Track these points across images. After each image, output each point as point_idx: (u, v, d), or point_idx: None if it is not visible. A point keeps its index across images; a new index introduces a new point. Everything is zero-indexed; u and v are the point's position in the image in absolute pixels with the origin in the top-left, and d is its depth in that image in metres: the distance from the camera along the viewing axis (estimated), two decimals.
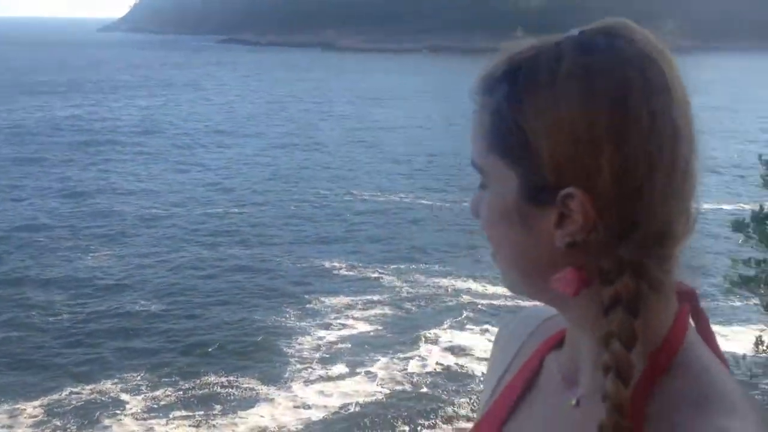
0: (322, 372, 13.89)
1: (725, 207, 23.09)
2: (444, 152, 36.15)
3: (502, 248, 0.94)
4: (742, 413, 0.82)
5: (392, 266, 19.59)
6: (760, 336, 8.75)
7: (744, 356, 8.64)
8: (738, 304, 15.19)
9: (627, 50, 0.85)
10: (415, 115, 49.16)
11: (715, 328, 0.97)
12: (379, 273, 19.11)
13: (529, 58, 0.89)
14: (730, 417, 0.81)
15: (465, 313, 16.57)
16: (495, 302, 17.16)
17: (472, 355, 14.59)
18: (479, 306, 17.03)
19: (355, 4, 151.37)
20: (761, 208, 7.24)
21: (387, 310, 16.73)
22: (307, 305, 16.89)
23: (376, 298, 17.39)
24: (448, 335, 15.49)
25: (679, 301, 0.92)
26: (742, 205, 18.98)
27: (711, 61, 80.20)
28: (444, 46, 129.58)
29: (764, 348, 8.57)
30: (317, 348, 14.82)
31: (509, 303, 17.05)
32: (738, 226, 6.36)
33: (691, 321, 0.93)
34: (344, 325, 15.87)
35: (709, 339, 0.93)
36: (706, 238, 19.89)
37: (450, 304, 17.18)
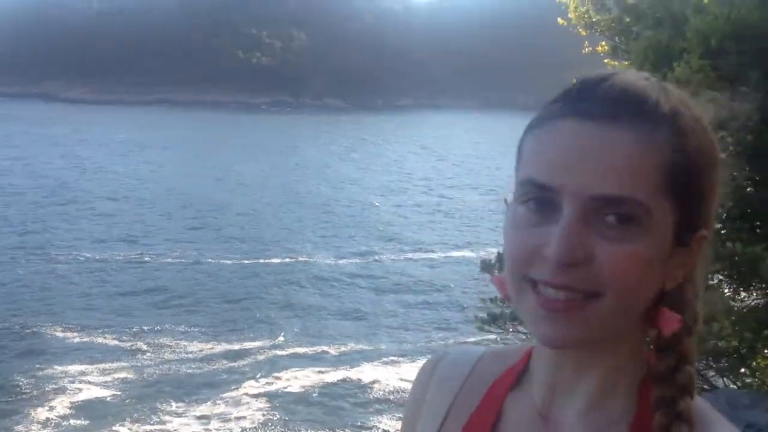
0: None
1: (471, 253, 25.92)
2: (198, 204, 35.17)
3: (627, 294, 0.83)
4: (730, 427, 0.91)
5: (133, 329, 18.77)
6: None
7: None
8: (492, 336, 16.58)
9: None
10: (163, 167, 47.36)
11: None
12: (119, 337, 18.23)
13: (667, 99, 0.85)
14: (731, 429, 0.90)
15: (215, 376, 16.22)
16: (250, 361, 17.07)
17: (226, 418, 14.33)
18: (231, 368, 16.75)
19: (78, 54, 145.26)
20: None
21: (127, 375, 16.04)
22: (39, 373, 15.83)
23: (115, 364, 16.60)
24: (192, 401, 15.04)
25: None
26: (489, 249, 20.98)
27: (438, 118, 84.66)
28: (177, 100, 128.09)
29: None
30: (50, 420, 13.93)
31: (259, 361, 17.09)
32: (485, 266, 6.93)
33: None
34: (80, 390, 15.09)
35: None
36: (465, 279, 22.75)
37: (197, 369, 16.72)
